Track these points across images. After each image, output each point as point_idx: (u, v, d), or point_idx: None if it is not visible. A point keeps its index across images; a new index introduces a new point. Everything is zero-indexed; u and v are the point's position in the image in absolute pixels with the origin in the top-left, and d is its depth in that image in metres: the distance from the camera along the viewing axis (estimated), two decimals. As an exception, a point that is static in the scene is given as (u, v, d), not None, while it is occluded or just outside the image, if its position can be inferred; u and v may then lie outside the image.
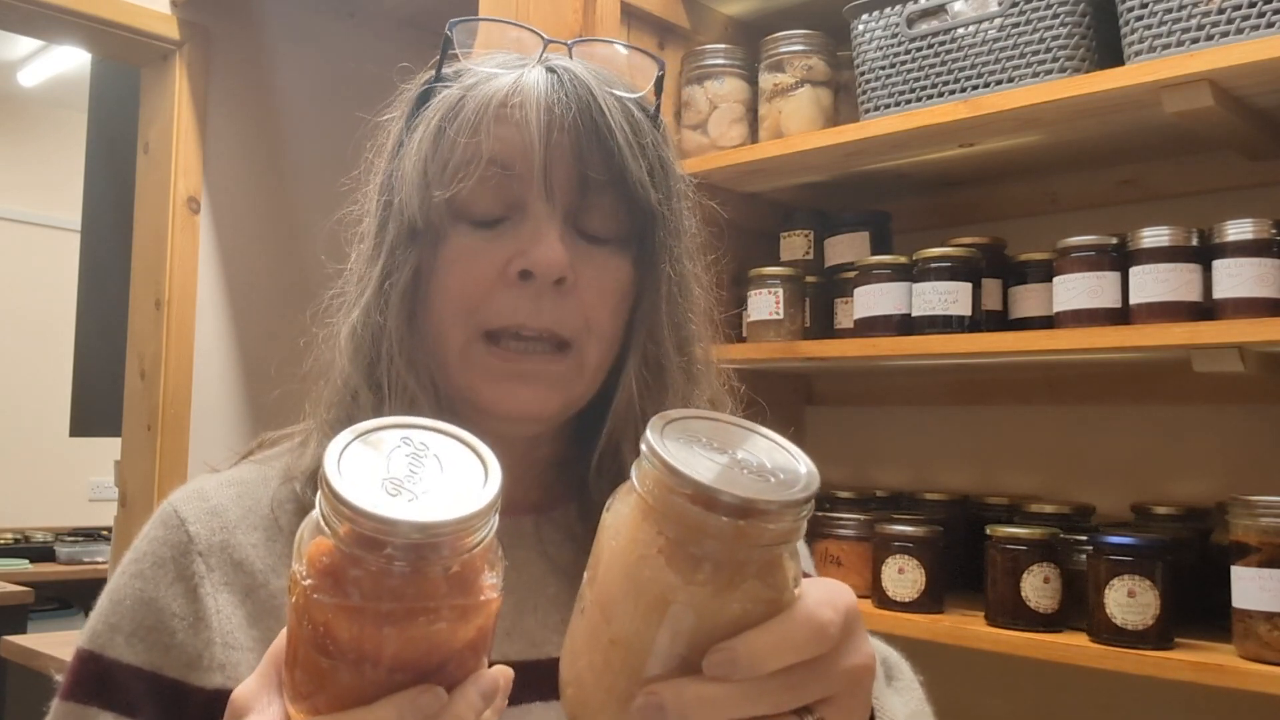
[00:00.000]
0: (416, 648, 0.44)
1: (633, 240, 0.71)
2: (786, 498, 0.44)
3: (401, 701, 0.44)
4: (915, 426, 1.88)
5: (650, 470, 0.44)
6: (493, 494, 0.45)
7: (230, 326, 2.51)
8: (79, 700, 0.67)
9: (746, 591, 0.44)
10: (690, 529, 0.43)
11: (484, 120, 0.67)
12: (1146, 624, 1.25)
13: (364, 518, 0.42)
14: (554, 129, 0.67)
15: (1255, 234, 1.25)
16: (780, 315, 1.62)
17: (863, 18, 1.58)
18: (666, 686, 0.44)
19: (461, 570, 0.44)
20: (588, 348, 0.69)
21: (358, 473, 0.44)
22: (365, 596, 0.43)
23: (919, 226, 1.82)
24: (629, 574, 0.45)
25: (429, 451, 0.46)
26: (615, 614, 0.45)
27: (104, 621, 0.70)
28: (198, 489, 0.74)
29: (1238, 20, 1.24)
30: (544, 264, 0.66)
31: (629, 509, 0.46)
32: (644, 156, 0.69)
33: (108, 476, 2.67)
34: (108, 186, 2.88)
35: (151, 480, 2.35)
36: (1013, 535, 1.37)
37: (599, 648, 0.46)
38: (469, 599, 0.44)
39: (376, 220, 0.73)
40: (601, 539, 0.47)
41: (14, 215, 4.97)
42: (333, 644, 0.43)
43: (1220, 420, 1.56)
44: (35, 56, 4.53)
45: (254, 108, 2.56)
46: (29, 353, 4.85)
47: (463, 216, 0.68)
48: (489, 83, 0.68)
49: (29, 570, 4.14)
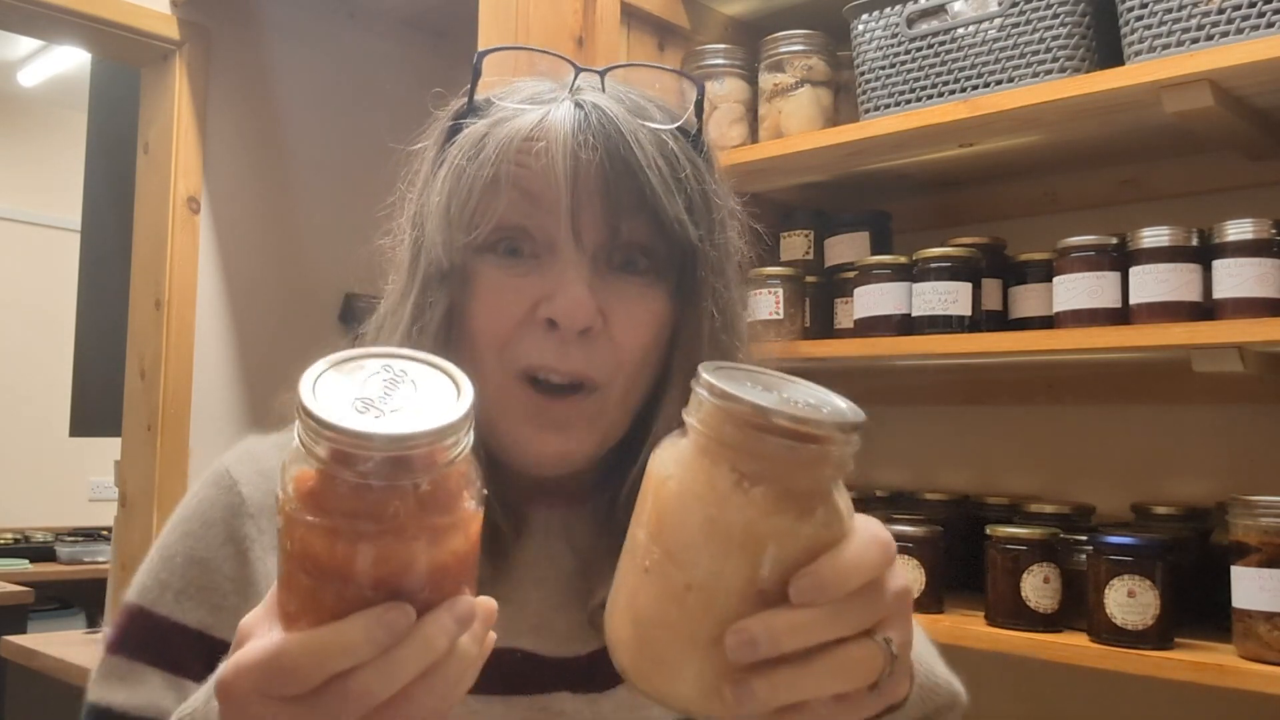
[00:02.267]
0: (389, 565, 0.44)
1: (671, 272, 0.69)
2: (851, 420, 0.45)
3: (370, 616, 0.44)
4: (915, 426, 1.88)
5: (726, 410, 0.45)
6: (464, 409, 0.45)
7: (230, 326, 2.51)
8: (127, 655, 0.68)
9: (819, 518, 0.46)
10: (771, 461, 0.45)
11: (505, 160, 0.66)
12: (1146, 624, 1.25)
13: (336, 433, 0.42)
14: (580, 170, 0.65)
15: (1255, 234, 1.25)
16: (780, 315, 1.62)
17: (863, 18, 1.58)
18: (754, 621, 0.45)
19: (435, 489, 0.44)
20: (619, 388, 0.68)
21: (332, 394, 0.45)
22: (341, 514, 0.43)
23: (919, 226, 1.82)
24: (707, 517, 0.45)
25: (406, 377, 0.47)
26: (690, 559, 0.46)
27: (154, 577, 0.70)
28: (248, 451, 0.74)
29: (1238, 20, 1.24)
30: (568, 315, 0.64)
31: (690, 456, 0.47)
32: (681, 191, 0.67)
33: (108, 476, 2.67)
34: (108, 186, 2.88)
35: (151, 480, 2.35)
36: (1013, 535, 1.37)
37: (674, 597, 0.46)
38: (445, 518, 0.45)
39: (409, 253, 0.72)
40: (660, 494, 0.47)
41: (14, 215, 4.97)
42: (312, 563, 0.44)
43: (1220, 420, 1.56)
44: (35, 56, 4.53)
45: (254, 108, 2.56)
46: (29, 353, 4.85)
47: (489, 250, 0.67)
48: (514, 120, 0.67)
49: (29, 570, 4.14)
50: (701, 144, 0.72)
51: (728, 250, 0.72)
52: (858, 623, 0.47)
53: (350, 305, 2.67)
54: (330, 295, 2.67)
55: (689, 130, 0.71)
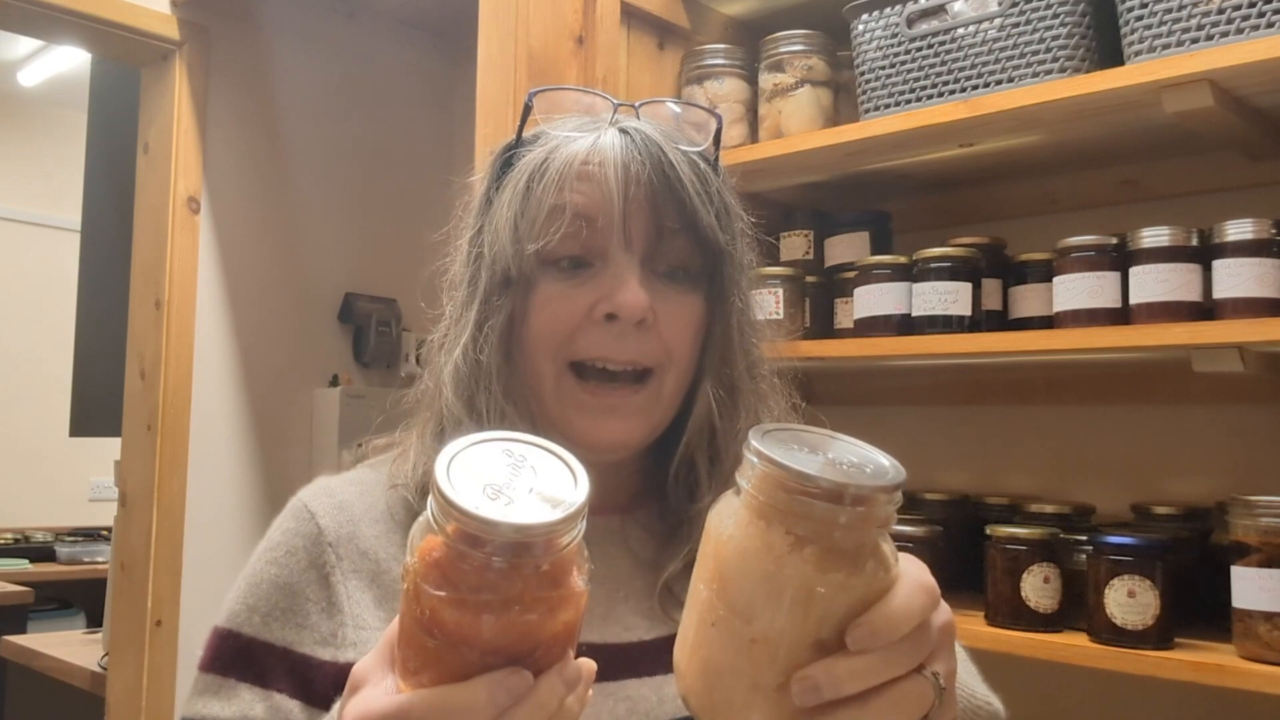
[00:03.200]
0: (509, 635, 0.49)
1: (703, 277, 0.79)
2: (892, 482, 0.50)
3: (492, 680, 0.50)
4: (915, 426, 1.88)
5: (775, 477, 0.49)
6: (581, 500, 0.50)
7: (230, 326, 2.51)
8: (218, 672, 0.76)
9: (869, 572, 0.50)
10: (821, 523, 0.49)
11: (567, 179, 0.75)
12: (1146, 624, 1.25)
13: (468, 518, 0.48)
14: (630, 184, 0.75)
15: (1255, 234, 1.25)
16: (780, 315, 1.62)
17: (863, 18, 1.58)
18: (816, 668, 0.50)
19: (552, 569, 0.50)
20: (667, 375, 0.77)
21: (464, 478, 0.50)
22: (467, 588, 0.49)
23: (919, 226, 1.82)
24: (767, 577, 0.50)
25: (526, 462, 0.52)
26: (755, 615, 0.50)
27: (242, 603, 0.78)
28: (324, 486, 0.82)
29: (1238, 20, 1.24)
30: (628, 308, 0.74)
31: (746, 520, 0.51)
32: (711, 203, 0.77)
33: (108, 476, 2.67)
34: (108, 186, 2.88)
35: (151, 480, 2.35)
36: (1013, 535, 1.37)
37: (739, 649, 0.51)
38: (558, 594, 0.50)
39: (469, 271, 0.81)
40: (721, 554, 0.52)
41: (14, 215, 4.97)
42: (437, 629, 0.49)
43: (1220, 420, 1.56)
44: (35, 56, 4.53)
45: (254, 108, 2.56)
46: (29, 353, 4.85)
47: (551, 265, 0.77)
48: (570, 145, 0.77)
49: (29, 570, 4.14)
50: (719, 169, 0.82)
51: (745, 257, 0.82)
52: (908, 663, 0.52)
53: (350, 305, 2.68)
54: (330, 295, 2.67)
55: (709, 158, 0.81)
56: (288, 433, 2.60)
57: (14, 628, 3.47)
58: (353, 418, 2.54)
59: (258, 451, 2.54)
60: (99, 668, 2.50)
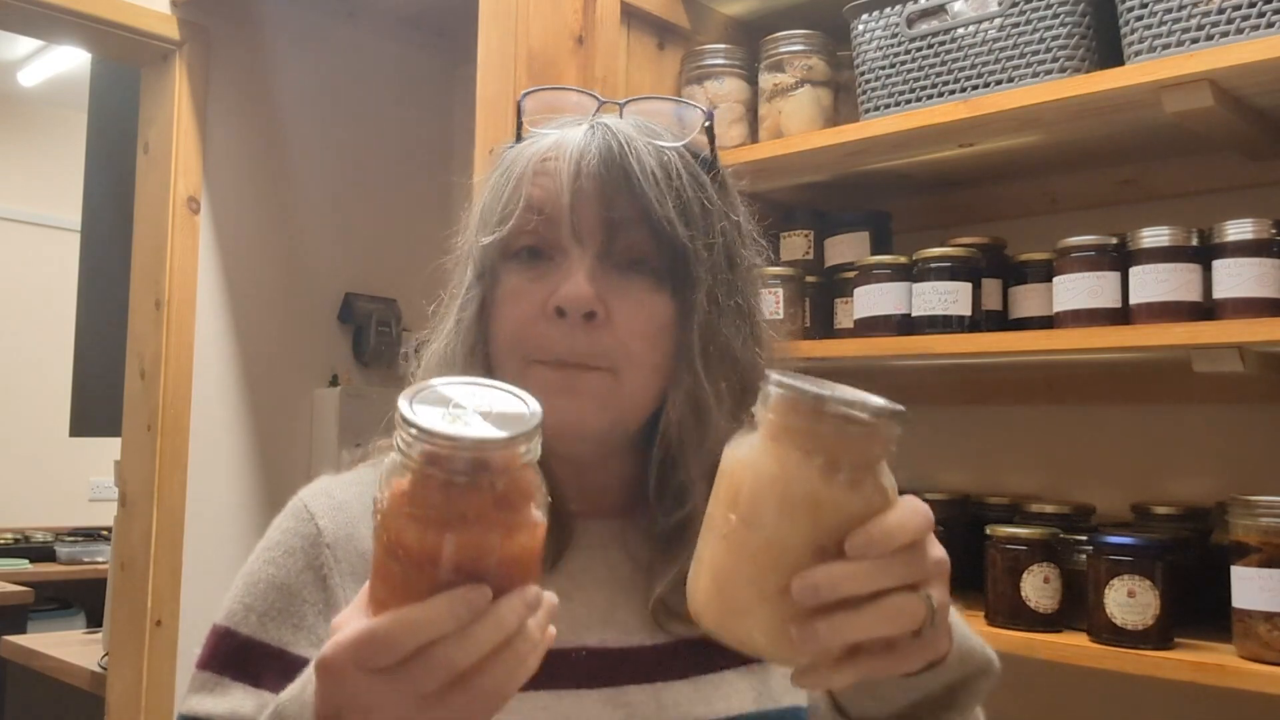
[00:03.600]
0: (470, 553, 0.52)
1: (667, 274, 0.77)
2: (890, 408, 0.56)
3: (453, 596, 0.51)
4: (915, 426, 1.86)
5: (792, 400, 0.55)
6: (532, 423, 0.54)
7: (230, 326, 2.51)
8: (214, 670, 0.76)
9: (870, 487, 0.56)
10: (830, 439, 0.55)
11: (526, 173, 0.76)
12: (1146, 624, 1.25)
13: (430, 436, 0.51)
14: (581, 176, 0.74)
15: (1255, 234, 1.25)
16: (780, 315, 1.62)
17: (863, 18, 1.58)
18: (816, 570, 0.54)
19: (508, 491, 0.53)
20: (626, 373, 0.76)
21: (425, 408, 0.54)
22: (431, 507, 0.52)
23: (919, 226, 1.82)
24: (780, 489, 0.55)
25: (483, 393, 0.56)
26: (764, 523, 0.55)
27: (239, 602, 0.78)
28: (324, 487, 0.82)
29: (1238, 20, 1.24)
30: (571, 300, 0.73)
31: (761, 443, 0.57)
32: (673, 194, 0.75)
33: (108, 476, 2.67)
34: (108, 186, 2.88)
35: (151, 480, 2.35)
36: (1013, 535, 1.37)
37: (747, 555, 0.56)
38: (516, 517, 0.53)
39: (458, 271, 0.83)
40: (736, 472, 0.57)
41: (14, 215, 4.97)
42: (403, 551, 0.52)
43: (1220, 420, 1.56)
44: (35, 56, 4.53)
45: (254, 107, 2.56)
46: (29, 353, 4.85)
47: (511, 258, 0.77)
48: (538, 142, 0.78)
49: (29, 570, 4.14)
50: (716, 168, 0.81)
51: (733, 258, 0.80)
52: (903, 576, 0.55)
53: (350, 305, 2.68)
54: (330, 295, 2.67)
55: (698, 151, 0.80)
56: (288, 433, 2.60)
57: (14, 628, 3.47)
58: (353, 418, 2.54)
59: (258, 451, 2.54)
60: (99, 668, 2.50)
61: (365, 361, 2.70)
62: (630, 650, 0.77)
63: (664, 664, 0.78)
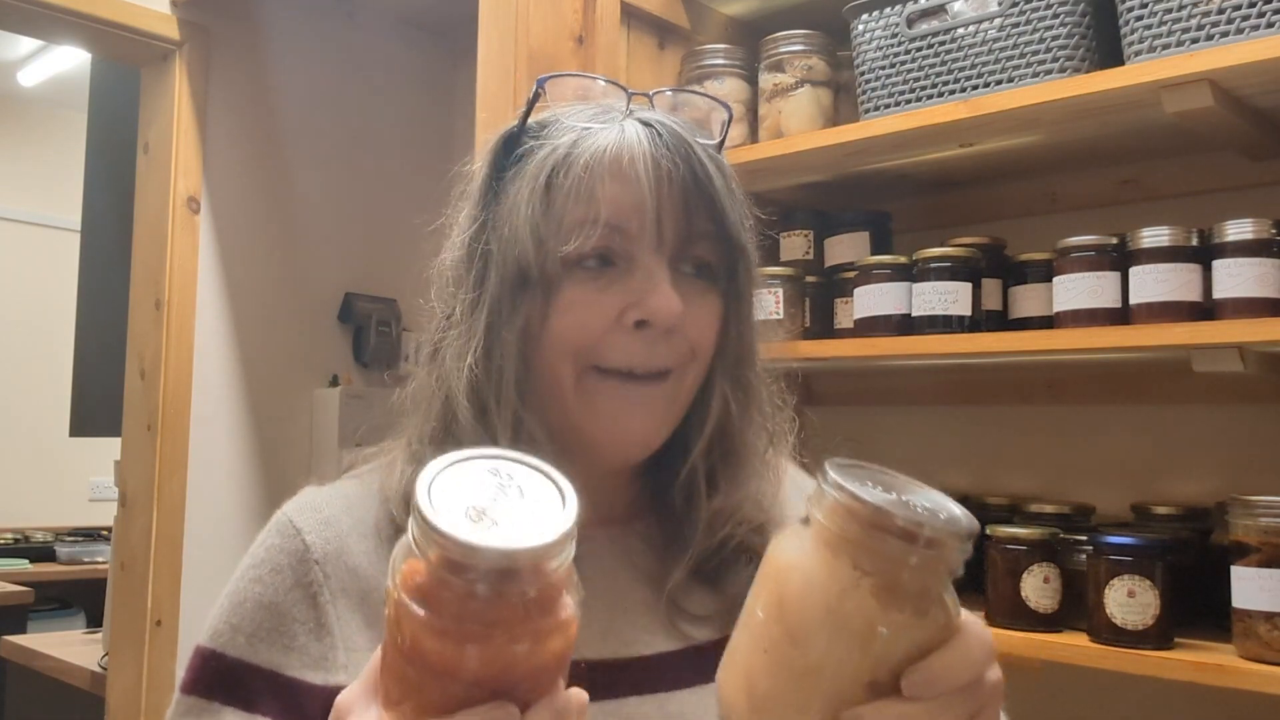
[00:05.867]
0: (495, 666, 0.46)
1: (722, 274, 0.76)
2: (967, 530, 0.49)
3: (475, 715, 0.46)
4: (915, 426, 1.88)
5: (850, 509, 0.49)
6: (570, 523, 0.47)
7: (230, 326, 2.51)
8: (201, 695, 0.72)
9: (934, 617, 0.50)
10: (891, 561, 0.48)
11: (597, 178, 0.71)
12: (1146, 624, 1.25)
13: (450, 544, 0.45)
14: (663, 184, 0.71)
15: (1255, 234, 1.25)
16: (780, 315, 1.62)
17: (863, 18, 1.58)
18: (868, 710, 0.49)
19: (540, 595, 0.47)
20: (688, 372, 0.75)
21: (445, 500, 0.47)
22: (450, 617, 0.46)
23: (919, 226, 1.82)
24: (830, 608, 0.49)
25: (513, 482, 0.49)
26: (811, 645, 0.49)
27: (225, 622, 0.74)
28: (309, 501, 0.78)
29: (1238, 20, 1.24)
30: (662, 315, 0.71)
31: (813, 547, 0.50)
32: (736, 203, 0.75)
33: (108, 476, 2.67)
34: (108, 186, 2.88)
35: (151, 480, 2.35)
36: (1013, 535, 1.37)
37: (791, 678, 0.50)
38: (547, 622, 0.47)
39: (475, 269, 0.75)
40: (782, 579, 0.51)
41: (14, 215, 4.97)
42: (419, 658, 0.46)
43: (1220, 420, 1.56)
44: (35, 56, 4.53)
45: (254, 108, 2.56)
46: (29, 353, 4.85)
47: (575, 265, 0.72)
48: (592, 138, 0.72)
49: (29, 570, 4.14)
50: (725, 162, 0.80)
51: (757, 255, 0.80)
52: (959, 716, 0.51)
53: (350, 305, 2.68)
54: (330, 295, 2.67)
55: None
56: (288, 433, 2.60)
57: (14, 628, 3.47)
58: (353, 418, 2.54)
59: (258, 451, 2.54)
60: (99, 668, 2.50)
61: (365, 362, 2.70)
62: (630, 661, 0.75)
63: (664, 674, 0.76)
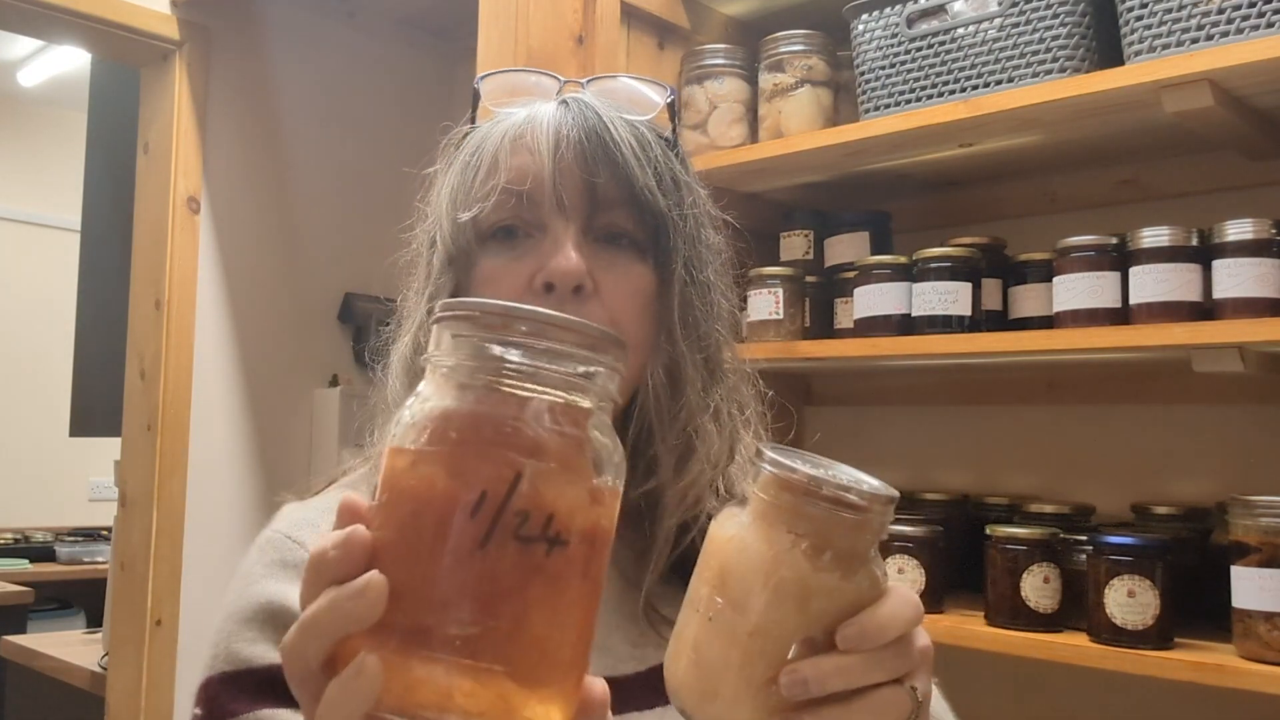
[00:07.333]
0: None
1: (649, 246, 0.76)
2: (888, 494, 0.54)
3: None
4: (915, 426, 1.88)
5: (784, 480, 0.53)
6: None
7: (230, 326, 2.51)
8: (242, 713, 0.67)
9: (863, 577, 0.54)
10: (824, 523, 0.53)
11: (501, 150, 0.74)
12: (1146, 624, 1.25)
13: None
14: (561, 147, 0.73)
15: (1255, 234, 1.25)
16: (780, 315, 1.62)
17: (863, 18, 1.58)
18: (805, 664, 0.52)
19: None
20: None
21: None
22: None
23: (919, 226, 1.82)
24: (768, 574, 0.53)
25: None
26: (752, 609, 0.53)
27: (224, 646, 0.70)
28: (301, 518, 0.77)
29: (1238, 20, 1.24)
30: (560, 274, 0.71)
31: (750, 520, 0.55)
32: (650, 165, 0.75)
33: (108, 476, 2.67)
34: (108, 186, 2.88)
35: (151, 480, 2.35)
36: (1012, 535, 1.37)
37: (735, 643, 0.53)
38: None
39: (425, 254, 0.80)
40: (724, 552, 0.55)
41: (14, 215, 4.97)
42: None
43: (1220, 420, 1.56)
44: (35, 56, 4.53)
45: (254, 107, 2.56)
46: (29, 353, 4.85)
47: (489, 238, 0.75)
48: (508, 119, 0.76)
49: (29, 570, 4.14)
50: (676, 145, 0.80)
51: (700, 232, 0.79)
52: (891, 670, 0.53)
53: (350, 305, 2.68)
54: (330, 295, 2.67)
55: (662, 131, 0.79)
56: (287, 433, 2.60)
57: (14, 628, 3.47)
58: (352, 418, 2.54)
59: (258, 451, 2.54)
60: (99, 668, 2.50)
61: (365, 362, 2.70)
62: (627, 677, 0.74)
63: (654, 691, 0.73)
